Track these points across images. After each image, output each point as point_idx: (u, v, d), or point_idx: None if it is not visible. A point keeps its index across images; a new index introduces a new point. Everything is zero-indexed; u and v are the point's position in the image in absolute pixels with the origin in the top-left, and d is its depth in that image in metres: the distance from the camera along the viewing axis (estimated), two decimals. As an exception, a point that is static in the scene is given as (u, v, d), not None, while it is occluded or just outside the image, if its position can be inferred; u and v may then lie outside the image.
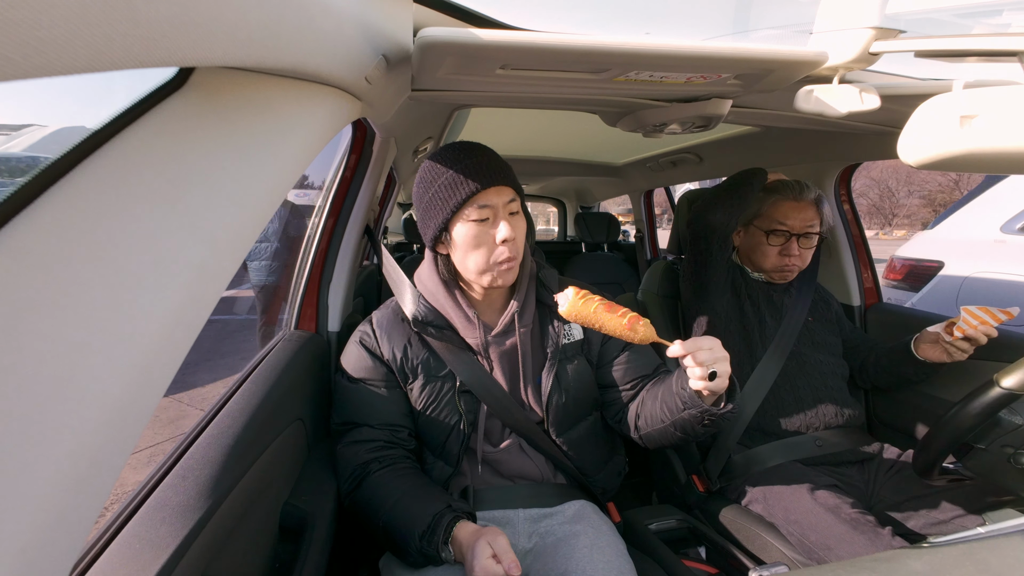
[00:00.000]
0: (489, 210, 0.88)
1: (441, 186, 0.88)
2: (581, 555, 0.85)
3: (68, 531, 0.27)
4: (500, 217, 0.89)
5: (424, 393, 0.96)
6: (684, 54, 0.67)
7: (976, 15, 0.76)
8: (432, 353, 0.98)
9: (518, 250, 0.92)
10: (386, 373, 0.97)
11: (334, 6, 0.45)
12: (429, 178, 0.90)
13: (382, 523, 0.85)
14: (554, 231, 5.28)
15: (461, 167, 0.87)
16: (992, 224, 2.99)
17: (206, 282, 0.36)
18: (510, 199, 0.89)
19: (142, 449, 2.70)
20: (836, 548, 0.95)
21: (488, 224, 0.89)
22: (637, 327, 0.77)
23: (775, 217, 1.28)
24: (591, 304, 0.79)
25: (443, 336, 0.96)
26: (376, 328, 1.00)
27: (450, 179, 0.87)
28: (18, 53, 0.20)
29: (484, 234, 0.88)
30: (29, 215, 0.29)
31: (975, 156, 0.58)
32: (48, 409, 0.26)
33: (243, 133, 0.40)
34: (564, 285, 0.92)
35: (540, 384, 0.98)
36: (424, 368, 0.97)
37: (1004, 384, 0.86)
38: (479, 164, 0.87)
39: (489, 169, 0.87)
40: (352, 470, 0.92)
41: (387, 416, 0.96)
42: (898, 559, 0.51)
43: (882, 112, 0.77)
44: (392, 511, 0.85)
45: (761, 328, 1.31)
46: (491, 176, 0.86)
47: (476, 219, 0.87)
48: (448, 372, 0.97)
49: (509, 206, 0.90)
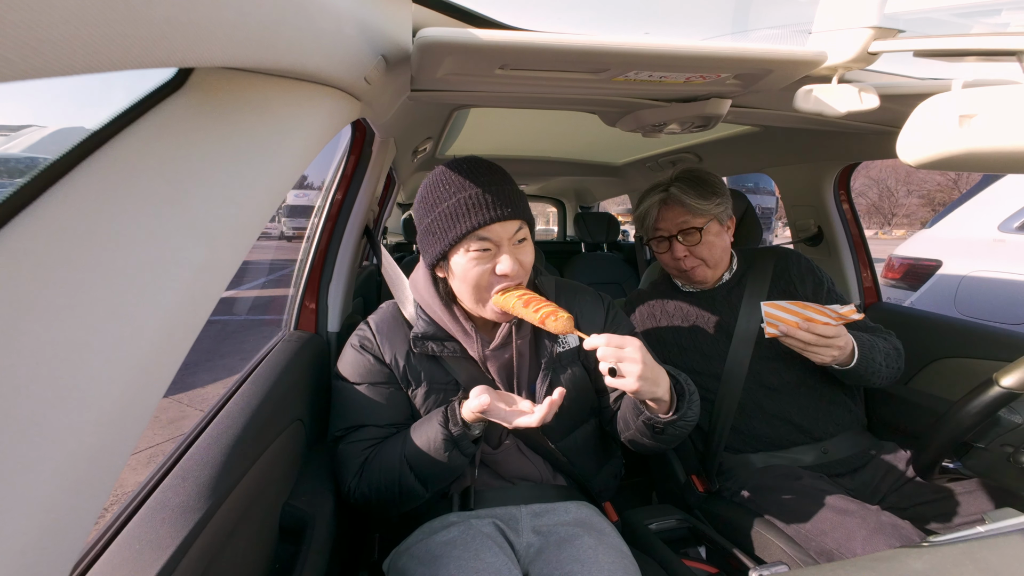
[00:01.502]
0: (491, 243, 0.83)
1: (442, 213, 0.83)
2: (585, 555, 0.85)
3: (68, 531, 0.27)
4: (503, 250, 0.84)
5: (428, 401, 0.96)
6: (683, 54, 0.67)
7: (975, 15, 0.76)
8: (435, 362, 0.97)
9: (522, 279, 0.88)
10: (389, 376, 0.96)
11: (333, 6, 0.45)
12: (432, 200, 0.86)
13: (404, 458, 0.87)
14: (553, 231, 5.28)
15: (466, 195, 0.82)
16: (990, 223, 2.99)
17: (206, 282, 0.36)
18: (516, 229, 0.85)
19: (142, 450, 2.70)
20: (831, 533, 0.95)
21: (490, 254, 0.84)
22: (548, 322, 0.81)
23: (651, 225, 1.26)
24: (510, 300, 0.85)
25: (445, 349, 0.95)
26: (376, 333, 0.98)
27: (452, 208, 0.82)
28: (17, 54, 0.20)
29: (483, 267, 0.84)
30: (28, 216, 0.29)
31: (974, 155, 0.58)
32: (48, 410, 0.26)
33: (242, 133, 0.40)
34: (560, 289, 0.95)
35: (535, 393, 0.97)
36: (428, 376, 0.96)
37: (1003, 383, 0.86)
38: (485, 196, 0.81)
39: (496, 202, 0.81)
40: (355, 466, 0.92)
41: (391, 416, 0.95)
42: (898, 558, 0.51)
43: (881, 112, 0.77)
44: (405, 446, 0.87)
45: (712, 342, 1.26)
46: (497, 211, 0.81)
47: (476, 250, 0.83)
48: (452, 380, 0.96)
49: (515, 235, 0.85)
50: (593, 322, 1.03)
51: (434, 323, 0.95)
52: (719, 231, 1.23)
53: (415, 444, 0.87)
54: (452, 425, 0.85)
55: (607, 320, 1.05)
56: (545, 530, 0.95)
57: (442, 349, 0.95)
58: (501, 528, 0.94)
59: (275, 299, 6.70)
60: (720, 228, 1.24)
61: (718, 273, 1.28)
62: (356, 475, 0.92)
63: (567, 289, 1.07)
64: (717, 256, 1.24)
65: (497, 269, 0.84)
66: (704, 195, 1.19)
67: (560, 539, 0.91)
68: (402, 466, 0.87)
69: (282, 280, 7.54)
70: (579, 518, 0.96)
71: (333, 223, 1.28)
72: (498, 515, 0.97)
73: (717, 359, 1.24)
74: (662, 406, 0.85)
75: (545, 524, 0.96)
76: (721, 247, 1.24)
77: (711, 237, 1.22)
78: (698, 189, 1.20)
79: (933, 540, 0.55)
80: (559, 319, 0.81)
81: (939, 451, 0.96)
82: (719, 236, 1.23)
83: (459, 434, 0.84)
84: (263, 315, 6.00)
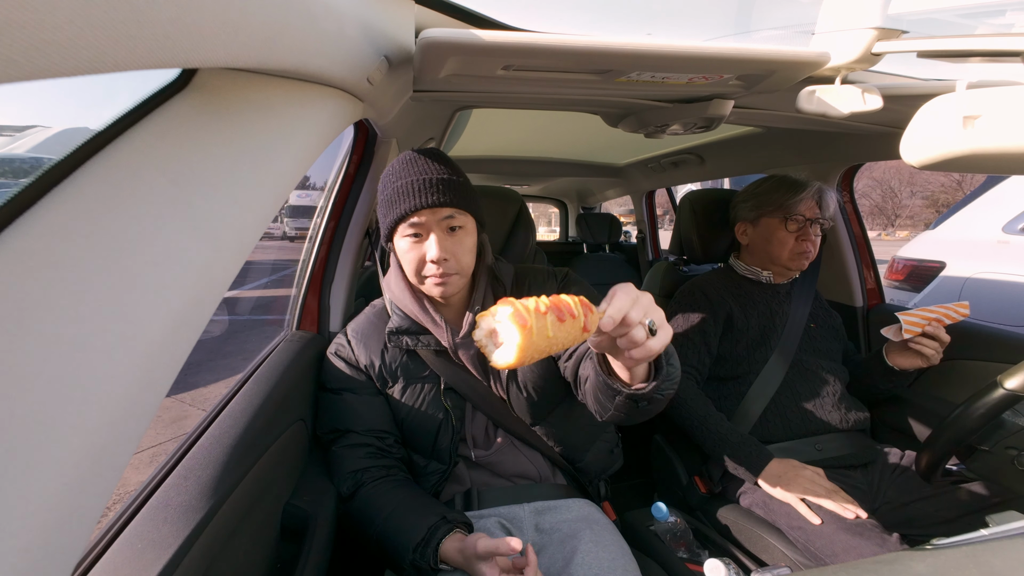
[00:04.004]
0: (421, 227, 0.88)
1: (383, 201, 0.91)
2: (588, 552, 0.85)
3: (71, 530, 0.27)
4: (432, 234, 0.88)
5: (406, 395, 0.97)
6: (686, 55, 0.67)
7: (979, 15, 0.76)
8: (410, 356, 0.99)
9: (454, 268, 0.90)
10: (365, 381, 0.99)
11: (336, 7, 0.45)
12: (380, 188, 0.93)
13: (376, 535, 0.85)
14: (555, 232, 5.28)
15: (404, 182, 0.88)
16: (994, 224, 2.97)
17: (209, 282, 0.36)
18: (446, 216, 0.88)
19: (145, 449, 2.71)
20: (843, 556, 0.94)
21: (421, 240, 0.89)
22: (591, 323, 0.58)
23: (793, 204, 1.31)
24: (543, 324, 0.54)
25: (419, 342, 0.97)
26: (351, 338, 1.02)
27: (389, 195, 0.89)
28: (22, 55, 0.20)
29: (416, 249, 0.90)
30: (33, 216, 0.29)
31: (978, 157, 0.58)
32: (51, 409, 0.26)
33: (246, 134, 0.40)
34: (516, 279, 0.97)
35: (506, 378, 0.98)
36: (403, 371, 0.98)
37: (1008, 386, 0.86)
38: (415, 183, 0.87)
39: (424, 189, 0.86)
40: (348, 474, 0.93)
41: (371, 422, 0.97)
42: (901, 561, 0.51)
43: (884, 112, 0.77)
44: (386, 523, 0.85)
45: (763, 332, 1.32)
46: (425, 196, 0.86)
47: (409, 235, 0.89)
48: (430, 373, 0.98)
49: (445, 223, 0.89)
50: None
51: (407, 317, 0.98)
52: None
53: (390, 528, 0.84)
54: (421, 556, 0.79)
55: (559, 288, 1.01)
56: (548, 527, 0.95)
57: (416, 342, 0.97)
58: (505, 527, 0.94)
59: (277, 299, 6.72)
60: None
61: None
62: (347, 486, 0.93)
63: (524, 274, 1.05)
64: (817, 251, 1.36)
65: (427, 254, 0.89)
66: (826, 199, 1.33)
67: (563, 536, 0.91)
68: (373, 540, 0.86)
69: (284, 280, 7.56)
70: (581, 516, 0.96)
71: (335, 223, 1.28)
72: (501, 514, 0.97)
73: (766, 348, 1.31)
74: (640, 373, 0.70)
75: (547, 522, 0.96)
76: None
77: (820, 235, 1.34)
78: (831, 194, 1.34)
79: (936, 543, 0.55)
80: (595, 314, 0.58)
81: (943, 453, 0.95)
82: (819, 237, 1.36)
83: (423, 566, 0.79)
84: (265, 315, 6.01)
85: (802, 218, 1.30)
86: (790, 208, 1.30)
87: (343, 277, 1.28)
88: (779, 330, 1.33)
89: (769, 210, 1.33)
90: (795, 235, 1.31)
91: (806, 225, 1.31)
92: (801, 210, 1.30)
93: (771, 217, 1.34)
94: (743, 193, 1.42)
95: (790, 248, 1.32)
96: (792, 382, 1.27)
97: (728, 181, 5.01)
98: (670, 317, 1.39)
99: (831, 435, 1.23)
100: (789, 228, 1.31)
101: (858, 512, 1.01)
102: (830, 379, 1.28)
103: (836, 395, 1.27)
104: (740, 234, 1.43)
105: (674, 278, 1.56)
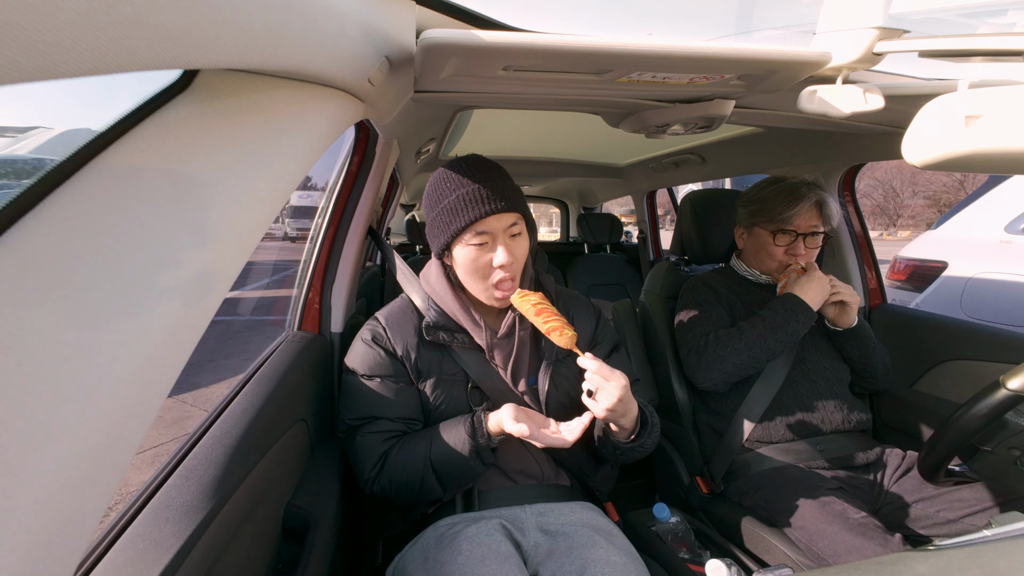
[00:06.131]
0: (488, 235, 0.90)
1: (444, 209, 0.91)
2: (598, 558, 0.84)
3: (72, 531, 0.27)
4: (498, 242, 0.91)
5: (436, 392, 0.99)
6: (687, 55, 0.67)
7: (981, 15, 0.76)
8: (444, 353, 1.00)
9: (516, 270, 0.94)
10: (400, 368, 0.99)
11: (337, 8, 0.45)
12: (435, 197, 0.93)
13: (429, 461, 0.91)
14: (556, 232, 5.28)
15: (465, 191, 0.89)
16: (996, 224, 2.96)
17: (210, 283, 0.36)
18: (511, 223, 0.91)
19: (146, 449, 2.71)
20: (846, 557, 0.94)
21: (486, 248, 0.91)
22: (553, 335, 0.90)
23: (786, 216, 1.28)
24: (524, 305, 0.92)
25: (454, 339, 0.99)
26: (387, 327, 1.02)
27: (452, 204, 0.90)
28: (24, 56, 0.20)
29: (482, 257, 0.91)
30: (35, 217, 0.29)
31: (980, 156, 0.58)
32: (53, 410, 0.26)
33: (247, 135, 0.40)
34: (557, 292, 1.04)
35: (536, 386, 1.00)
36: (436, 368, 1.00)
37: (1010, 386, 0.86)
38: (481, 190, 0.88)
39: (492, 196, 0.88)
40: (375, 457, 0.94)
41: (403, 410, 0.98)
42: (903, 562, 0.51)
43: (886, 112, 0.76)
44: (431, 449, 0.91)
45: None
46: (492, 203, 0.88)
47: (475, 244, 0.90)
48: (459, 371, 1.00)
49: (510, 229, 0.91)
50: (583, 330, 1.09)
51: (445, 313, 1.00)
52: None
53: (441, 449, 0.91)
54: (480, 437, 0.90)
55: (597, 328, 1.12)
56: (552, 529, 0.94)
57: (451, 339, 0.99)
58: (508, 529, 0.94)
59: (279, 299, 6.73)
60: None
61: None
62: (376, 467, 0.94)
63: (564, 296, 1.13)
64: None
65: (494, 260, 0.91)
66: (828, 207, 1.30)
67: (570, 541, 0.90)
68: (425, 468, 0.91)
69: (286, 281, 7.58)
70: (585, 519, 0.96)
71: (337, 224, 1.29)
72: (504, 516, 0.96)
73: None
74: (623, 432, 0.93)
75: (551, 523, 0.95)
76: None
77: (819, 244, 1.32)
78: (835, 202, 1.31)
79: (939, 544, 0.55)
80: (564, 335, 0.89)
81: (945, 454, 0.95)
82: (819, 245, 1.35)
83: (484, 445, 0.90)
84: (267, 315, 6.02)
85: (794, 233, 1.28)
86: (783, 222, 1.28)
87: (344, 277, 1.28)
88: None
89: (762, 220, 1.32)
90: (784, 248, 1.30)
91: (798, 239, 1.29)
92: (795, 224, 1.28)
93: (763, 228, 1.32)
94: (745, 196, 1.41)
95: (779, 261, 1.31)
96: (794, 382, 1.26)
97: (729, 181, 5.01)
98: (677, 313, 1.42)
99: (833, 435, 1.22)
100: (778, 242, 1.30)
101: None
102: (832, 379, 1.28)
103: (838, 395, 1.26)
104: (738, 237, 1.43)
105: (675, 278, 1.56)
